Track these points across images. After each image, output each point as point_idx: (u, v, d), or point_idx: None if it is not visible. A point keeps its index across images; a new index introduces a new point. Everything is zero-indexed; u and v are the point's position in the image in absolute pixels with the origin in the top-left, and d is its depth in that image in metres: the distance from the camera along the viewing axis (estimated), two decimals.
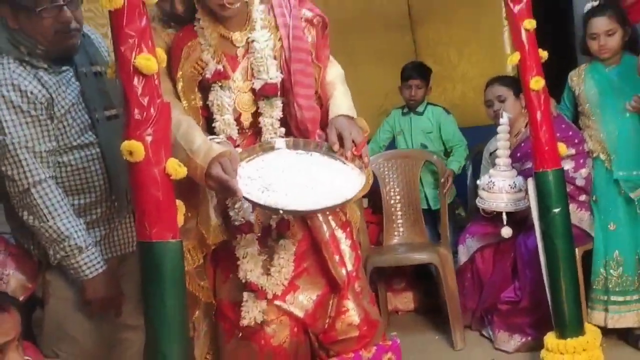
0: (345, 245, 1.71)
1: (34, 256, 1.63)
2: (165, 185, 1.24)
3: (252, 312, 1.53)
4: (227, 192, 1.39)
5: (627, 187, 2.40)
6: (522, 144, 2.67)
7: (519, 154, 2.67)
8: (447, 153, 3.28)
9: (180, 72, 1.54)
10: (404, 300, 3.23)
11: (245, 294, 1.55)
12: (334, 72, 1.72)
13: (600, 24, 2.47)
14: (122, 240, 1.74)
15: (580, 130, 2.64)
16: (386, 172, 3.16)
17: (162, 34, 1.61)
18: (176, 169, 1.24)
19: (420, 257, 2.74)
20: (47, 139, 1.57)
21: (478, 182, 2.65)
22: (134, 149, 1.20)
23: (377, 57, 3.77)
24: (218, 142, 1.46)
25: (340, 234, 1.71)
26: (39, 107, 1.54)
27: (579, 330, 2.10)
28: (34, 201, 1.52)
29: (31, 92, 1.53)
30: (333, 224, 1.69)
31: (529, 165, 2.58)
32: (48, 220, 1.53)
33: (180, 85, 1.54)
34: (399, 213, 3.11)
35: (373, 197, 3.21)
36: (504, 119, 2.54)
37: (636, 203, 2.40)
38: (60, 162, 1.61)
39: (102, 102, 1.69)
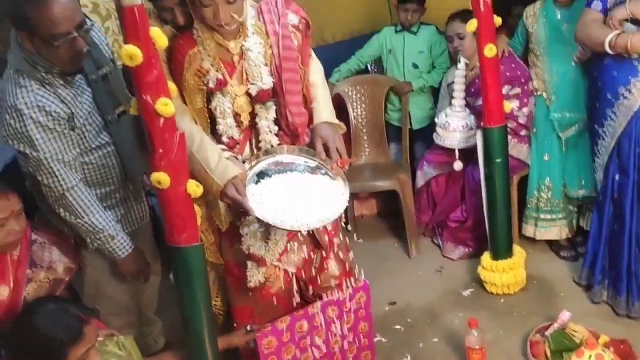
0: None
1: (70, 237, 1.92)
2: (187, 202, 1.54)
3: (255, 276, 1.94)
4: (240, 208, 1.70)
5: (560, 127, 2.76)
6: (477, 80, 2.93)
7: (473, 89, 2.95)
8: None
9: (185, 79, 1.76)
10: (368, 206, 3.70)
11: (249, 263, 1.93)
12: (316, 71, 1.95)
13: None
14: (138, 216, 2.05)
15: (528, 67, 2.91)
16: (353, 97, 3.42)
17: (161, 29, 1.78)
18: (194, 189, 1.53)
19: (383, 184, 3.13)
20: (72, 148, 1.77)
21: (435, 119, 2.97)
22: (161, 178, 1.48)
23: None
24: (227, 158, 1.74)
25: None
26: (62, 122, 1.73)
27: (508, 254, 2.63)
28: (69, 202, 1.78)
29: (54, 111, 1.71)
30: None
31: (480, 102, 2.90)
32: (83, 217, 1.80)
33: (185, 90, 1.76)
34: (365, 136, 3.44)
35: (341, 115, 3.50)
36: (461, 65, 2.79)
37: (563, 141, 2.77)
38: (83, 162, 1.84)
39: (111, 103, 1.88)
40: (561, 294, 2.62)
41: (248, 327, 1.88)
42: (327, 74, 3.38)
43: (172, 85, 1.51)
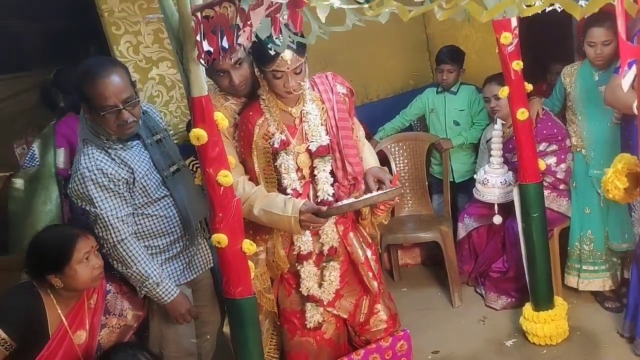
0: (371, 260, 2.28)
1: None
2: (242, 259, 1.75)
3: (315, 316, 2.16)
4: (316, 214, 1.95)
5: (598, 183, 2.79)
6: (514, 137, 3.07)
7: (510, 146, 3.08)
8: None
9: (254, 143, 2.04)
10: (412, 256, 3.82)
11: (308, 304, 2.16)
12: (359, 130, 2.25)
13: (599, 34, 2.63)
14: (199, 264, 2.27)
15: (565, 124, 3.02)
16: (396, 153, 3.61)
17: (221, 107, 2.07)
18: (249, 248, 1.74)
19: (426, 235, 3.27)
20: (125, 206, 2.03)
21: (475, 176, 3.11)
22: (221, 239, 1.70)
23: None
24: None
25: (368, 252, 2.27)
26: (117, 183, 2.00)
27: (549, 305, 2.69)
28: (120, 253, 2.02)
29: (111, 173, 1.99)
30: (364, 246, 2.26)
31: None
32: (132, 267, 2.03)
33: (254, 153, 2.06)
34: (408, 189, 3.60)
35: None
36: (497, 125, 2.94)
37: (602, 197, 2.83)
38: (146, 213, 2.10)
39: (166, 162, 2.15)
40: (604, 345, 2.65)
41: None
42: (372, 130, 3.67)
43: (231, 158, 1.74)
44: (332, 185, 2.13)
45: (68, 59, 3.69)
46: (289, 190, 2.08)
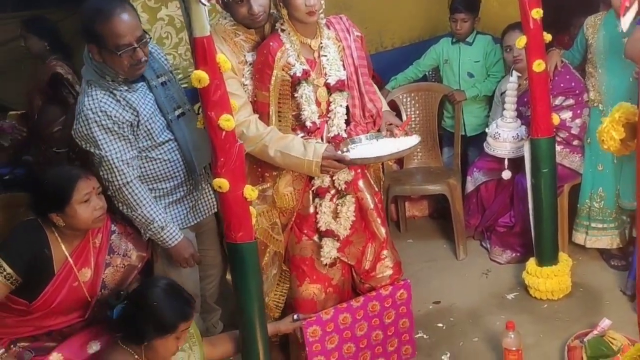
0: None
1: None
2: (244, 204, 1.75)
3: (331, 251, 2.17)
4: (338, 162, 1.98)
5: None
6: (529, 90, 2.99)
7: (525, 99, 2.99)
8: None
9: (274, 75, 2.01)
10: (420, 208, 3.81)
11: (325, 239, 2.17)
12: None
13: None
14: (203, 208, 2.28)
15: (584, 78, 2.92)
16: (408, 104, 3.54)
17: (231, 42, 2.04)
18: (250, 193, 1.74)
19: (434, 188, 3.24)
20: (130, 149, 2.01)
21: (486, 129, 3.05)
22: (222, 184, 1.70)
23: None
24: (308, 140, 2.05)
25: (376, 201, 2.29)
26: (122, 125, 1.98)
27: (553, 261, 2.68)
28: (126, 196, 2.03)
29: (115, 116, 1.97)
30: (372, 193, 2.29)
31: None
32: (137, 210, 2.04)
33: (272, 85, 2.01)
34: None
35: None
36: (513, 77, 2.85)
37: None
38: (150, 157, 2.09)
39: (171, 105, 2.12)
40: (606, 302, 2.65)
41: (295, 317, 2.08)
42: (386, 80, 3.58)
43: (234, 102, 1.72)
44: (345, 122, 2.14)
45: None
46: (308, 123, 2.06)
